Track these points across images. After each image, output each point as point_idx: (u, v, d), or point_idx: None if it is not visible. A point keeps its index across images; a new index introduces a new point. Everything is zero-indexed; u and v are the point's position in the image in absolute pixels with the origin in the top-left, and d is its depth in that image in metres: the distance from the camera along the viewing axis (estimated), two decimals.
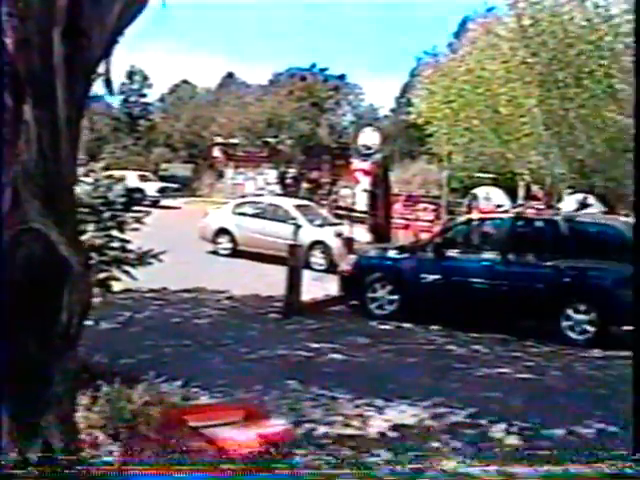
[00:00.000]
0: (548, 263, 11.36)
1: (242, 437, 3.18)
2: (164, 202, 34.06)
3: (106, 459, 4.05)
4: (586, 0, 19.13)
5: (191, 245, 18.32)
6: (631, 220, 14.25)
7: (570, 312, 11.06)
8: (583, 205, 20.24)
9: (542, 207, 17.33)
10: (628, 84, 18.76)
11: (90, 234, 6.92)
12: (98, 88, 3.71)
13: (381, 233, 15.38)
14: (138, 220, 7.75)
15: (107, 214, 7.24)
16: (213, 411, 3.65)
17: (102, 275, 7.12)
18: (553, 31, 18.63)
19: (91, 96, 3.71)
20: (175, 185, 38.21)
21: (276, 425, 3.51)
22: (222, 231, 18.81)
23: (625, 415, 7.35)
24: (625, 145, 19.95)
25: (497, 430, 6.64)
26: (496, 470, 5.44)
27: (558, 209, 18.18)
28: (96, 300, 6.78)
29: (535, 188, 21.98)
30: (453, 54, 22.85)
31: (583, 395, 8.34)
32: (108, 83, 3.62)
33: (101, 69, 3.58)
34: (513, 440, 6.43)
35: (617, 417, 7.24)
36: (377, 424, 6.55)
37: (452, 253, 12.16)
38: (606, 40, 18.53)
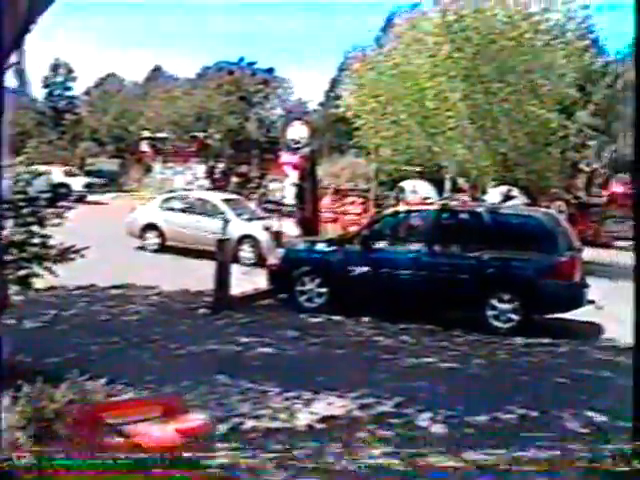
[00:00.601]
0: (472, 254, 11.58)
1: (159, 432, 3.15)
2: (91, 197, 33.40)
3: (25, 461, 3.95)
4: None
5: (119, 241, 18.03)
6: (552, 211, 14.71)
7: (494, 302, 11.33)
8: (507, 197, 20.74)
9: (467, 199, 17.70)
10: (548, 79, 19.29)
11: (9, 230, 6.74)
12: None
13: (310, 226, 15.40)
14: (59, 215, 7.58)
15: (27, 209, 7.05)
16: (131, 407, 3.59)
17: (22, 272, 6.93)
18: (477, 27, 18.93)
19: (14, 89, 3.60)
20: (102, 180, 37.50)
21: (195, 419, 3.49)
22: (150, 226, 18.54)
23: (545, 400, 7.64)
24: (546, 139, 20.52)
25: (423, 419, 6.76)
26: None
27: (483, 201, 18.58)
28: (18, 298, 6.65)
29: (461, 181, 22.34)
30: (380, 48, 22.99)
31: (506, 382, 8.56)
32: (20, 74, 3.52)
33: (13, 59, 3.48)
34: (439, 428, 6.55)
35: (538, 402, 7.48)
36: (305, 416, 6.59)
37: (380, 245, 12.27)
38: (527, 37, 18.95)
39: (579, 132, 30.74)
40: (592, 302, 11.69)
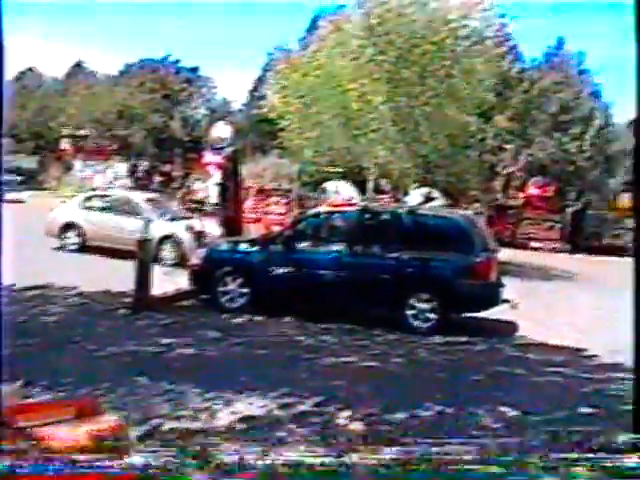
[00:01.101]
0: (393, 254, 11.77)
1: (68, 434, 3.13)
2: (8, 196, 32.45)
3: None
4: (428, 4, 19.90)
5: (38, 240, 17.62)
6: (469, 213, 15.09)
7: (413, 301, 11.53)
8: (427, 199, 21.19)
9: (388, 200, 17.99)
10: (467, 84, 19.77)
11: None
12: None
13: (232, 226, 15.34)
14: None
15: None
16: (43, 409, 3.56)
17: None
18: (399, 31, 19.26)
19: None
20: (20, 177, 36.52)
21: (108, 421, 3.48)
22: (69, 225, 18.18)
23: (461, 397, 7.86)
24: (465, 142, 21.03)
25: (342, 417, 6.88)
26: None
27: (404, 202, 18.90)
28: None
29: (383, 182, 22.66)
30: (304, 49, 23.12)
31: (424, 380, 8.76)
32: None
33: None
34: (357, 426, 6.67)
35: (455, 399, 7.70)
36: (225, 417, 6.63)
37: (302, 246, 12.35)
38: (447, 42, 19.37)
39: (497, 136, 31.62)
40: (507, 301, 12.06)
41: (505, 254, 16.84)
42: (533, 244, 32.01)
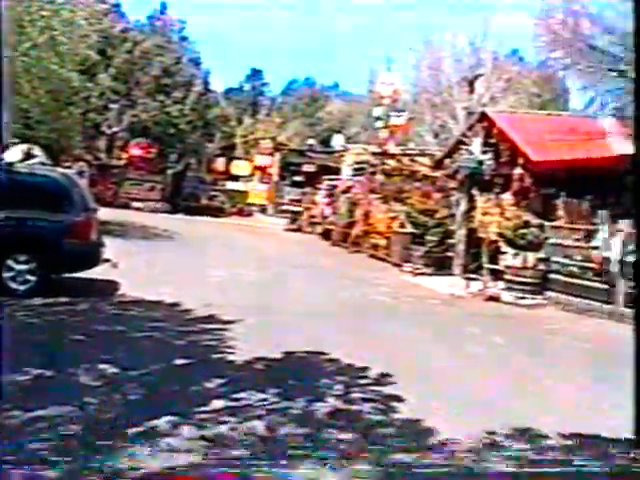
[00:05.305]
0: None
1: None
2: None
3: None
4: None
5: None
6: (69, 171, 14.82)
7: (11, 263, 11.15)
8: (28, 156, 20.21)
9: None
10: (69, 38, 19.25)
11: None
12: None
13: None
14: None
15: None
16: None
17: None
18: None
19: None
20: None
21: None
22: None
23: (61, 358, 7.86)
24: (68, 98, 20.48)
25: None
26: None
27: (1, 159, 17.84)
28: None
29: None
30: None
31: (24, 343, 8.54)
32: None
33: None
34: None
35: (55, 361, 7.66)
36: None
37: None
38: None
39: (101, 95, 31.26)
40: (108, 260, 12.22)
41: (108, 214, 16.94)
42: (135, 204, 32.59)
